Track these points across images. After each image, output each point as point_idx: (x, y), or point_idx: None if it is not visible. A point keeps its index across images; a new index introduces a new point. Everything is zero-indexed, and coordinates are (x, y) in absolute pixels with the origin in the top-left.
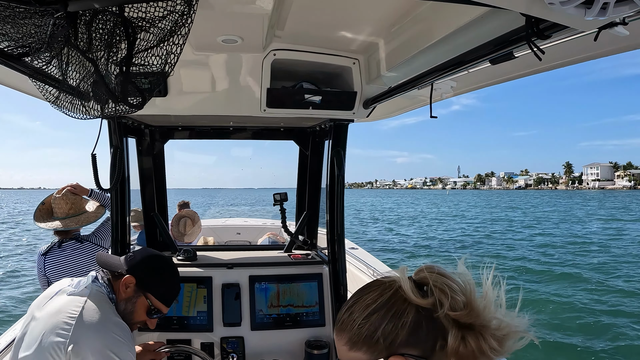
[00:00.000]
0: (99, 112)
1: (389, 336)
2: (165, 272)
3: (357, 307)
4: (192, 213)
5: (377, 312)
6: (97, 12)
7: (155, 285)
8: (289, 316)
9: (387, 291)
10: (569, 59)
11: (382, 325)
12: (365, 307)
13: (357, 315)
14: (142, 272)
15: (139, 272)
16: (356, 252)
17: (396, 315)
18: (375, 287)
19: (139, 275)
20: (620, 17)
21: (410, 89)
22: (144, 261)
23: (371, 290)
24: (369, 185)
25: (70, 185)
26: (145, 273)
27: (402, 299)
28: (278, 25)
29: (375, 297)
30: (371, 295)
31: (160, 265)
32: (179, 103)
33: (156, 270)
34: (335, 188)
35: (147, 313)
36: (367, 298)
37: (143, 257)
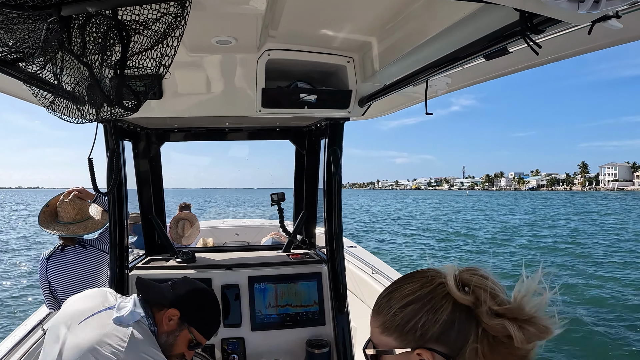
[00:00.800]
0: (94, 116)
1: (420, 329)
2: (210, 307)
3: (396, 294)
4: (190, 215)
5: (414, 303)
6: (90, 16)
7: (200, 320)
8: (288, 316)
9: (428, 285)
10: (563, 53)
11: (416, 317)
12: (404, 296)
13: (394, 302)
14: (188, 305)
15: (184, 306)
16: (355, 250)
17: (432, 310)
18: (418, 279)
19: (184, 308)
20: (613, 10)
21: (405, 86)
22: (189, 294)
23: (414, 280)
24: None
25: (77, 189)
26: (190, 307)
27: (441, 295)
28: (272, 25)
29: (415, 289)
30: (412, 286)
31: (206, 300)
32: (175, 105)
33: (202, 305)
34: (332, 187)
35: (188, 346)
36: (407, 287)
37: (188, 290)
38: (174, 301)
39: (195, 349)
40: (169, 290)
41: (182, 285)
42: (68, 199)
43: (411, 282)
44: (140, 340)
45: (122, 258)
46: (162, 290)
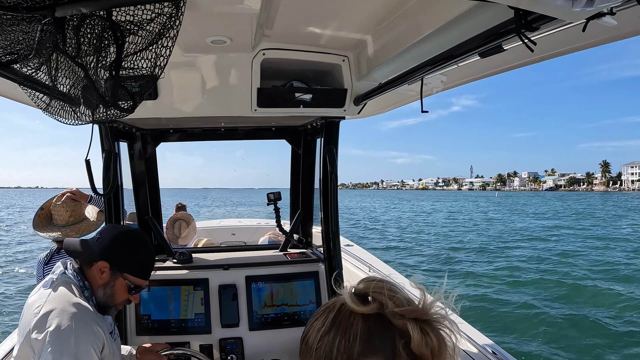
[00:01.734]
0: (90, 118)
1: (345, 353)
2: (137, 247)
3: (310, 334)
4: (186, 215)
5: (328, 333)
6: (84, 17)
7: (131, 264)
8: (286, 315)
9: (332, 311)
10: (558, 50)
11: (335, 345)
12: (317, 331)
13: (312, 343)
14: (115, 254)
15: (112, 255)
16: (351, 249)
17: (344, 331)
18: (322, 311)
19: (112, 258)
20: (607, 7)
21: (400, 84)
22: (113, 242)
23: (319, 314)
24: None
25: (70, 191)
26: (118, 254)
27: (347, 314)
28: (267, 25)
29: (323, 320)
30: (320, 320)
31: (131, 242)
32: (170, 105)
33: (129, 250)
34: (328, 185)
35: (128, 291)
36: (316, 325)
37: (112, 239)
38: (101, 253)
39: (137, 292)
40: (95, 244)
41: (106, 235)
42: (61, 201)
43: (318, 317)
44: (58, 296)
45: None
46: (89, 246)
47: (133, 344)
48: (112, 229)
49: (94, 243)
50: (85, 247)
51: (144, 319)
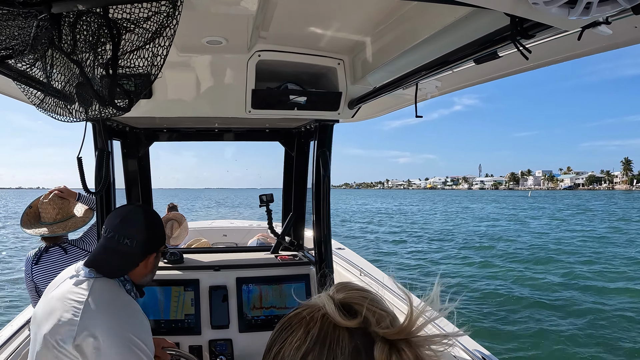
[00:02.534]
0: (83, 115)
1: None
2: (156, 219)
3: (284, 351)
4: (178, 216)
5: (312, 351)
6: (81, 14)
7: (161, 237)
8: (276, 317)
9: (313, 324)
10: (553, 58)
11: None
12: (296, 349)
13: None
14: (154, 241)
15: (153, 244)
16: (343, 252)
17: (332, 346)
18: (297, 324)
19: (154, 247)
20: (603, 17)
21: (395, 88)
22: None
23: (294, 328)
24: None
25: (58, 189)
26: (155, 239)
27: (332, 327)
28: (263, 26)
29: (302, 336)
30: (297, 334)
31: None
32: (164, 105)
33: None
34: (321, 188)
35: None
36: (293, 339)
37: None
38: (144, 251)
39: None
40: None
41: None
42: (48, 199)
43: (293, 330)
44: (103, 287)
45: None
46: (127, 256)
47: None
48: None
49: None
50: (124, 259)
51: None
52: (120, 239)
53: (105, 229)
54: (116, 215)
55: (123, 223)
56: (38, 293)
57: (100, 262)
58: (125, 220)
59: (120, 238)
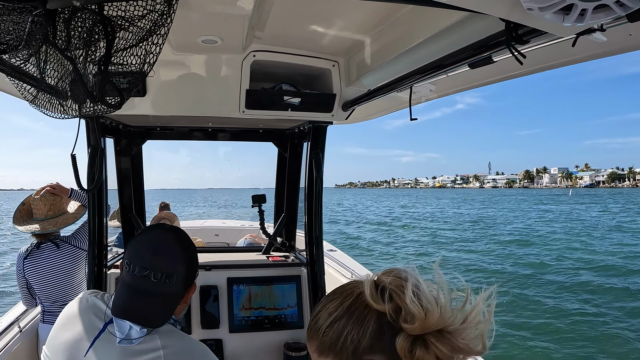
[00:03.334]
0: (76, 112)
1: (351, 344)
2: (193, 248)
3: (322, 314)
4: (170, 215)
5: (339, 320)
6: (76, 10)
7: (197, 267)
8: (267, 318)
9: (349, 298)
10: (547, 64)
11: (344, 333)
12: (329, 314)
13: (321, 323)
14: (193, 272)
15: (192, 275)
16: (334, 254)
17: (357, 322)
18: (339, 294)
19: (192, 277)
20: (598, 24)
21: (389, 91)
22: (187, 264)
23: (335, 296)
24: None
25: (50, 185)
26: (194, 270)
27: (363, 305)
28: (258, 27)
29: (337, 305)
30: (334, 303)
31: (191, 248)
32: (158, 103)
33: (194, 257)
34: (313, 190)
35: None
36: (330, 306)
37: (184, 259)
38: (186, 285)
39: None
40: (172, 287)
41: (178, 264)
42: (39, 196)
43: (333, 299)
44: (174, 340)
45: (100, 256)
46: (170, 297)
47: None
48: (163, 251)
49: (169, 288)
50: (167, 301)
51: None
52: (157, 277)
53: (133, 265)
54: (145, 247)
55: (158, 256)
56: (29, 290)
57: (137, 310)
58: (160, 252)
59: (157, 276)
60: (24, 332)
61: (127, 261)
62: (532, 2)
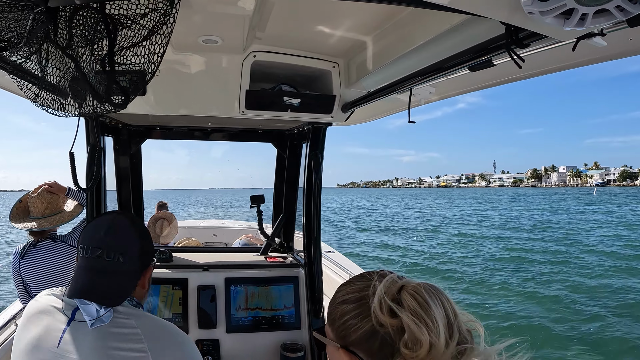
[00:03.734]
0: (76, 110)
1: (345, 330)
2: (148, 233)
3: (343, 288)
4: (168, 214)
5: (348, 303)
6: (77, 8)
7: (153, 251)
8: (264, 319)
9: (365, 290)
10: (547, 68)
11: (345, 317)
12: (346, 293)
13: (339, 296)
14: (149, 252)
15: (149, 256)
16: (332, 255)
17: (360, 315)
18: (364, 280)
19: (150, 258)
20: (598, 28)
21: (389, 93)
22: (141, 242)
23: (359, 280)
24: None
25: (47, 183)
26: (151, 250)
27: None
28: (259, 27)
29: (355, 289)
30: (354, 286)
31: (145, 230)
32: (158, 102)
33: (149, 238)
34: (312, 191)
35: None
36: (352, 286)
37: (137, 239)
38: (143, 263)
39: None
40: (126, 266)
41: (130, 242)
42: (37, 194)
43: (357, 281)
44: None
45: None
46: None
47: None
48: (114, 230)
49: (124, 266)
50: (122, 279)
51: None
52: (111, 256)
53: (86, 247)
54: (97, 228)
55: (110, 236)
56: (26, 288)
57: (93, 289)
58: (112, 232)
59: (110, 255)
60: None
61: (80, 245)
62: (533, 6)
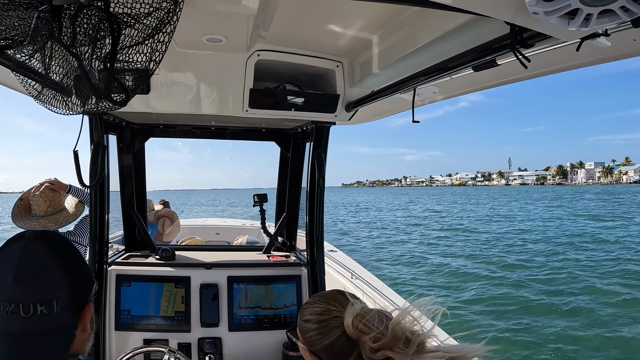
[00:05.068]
0: (80, 108)
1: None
2: (78, 254)
3: (306, 309)
4: (170, 212)
5: (311, 322)
6: (82, 7)
7: (90, 279)
8: (266, 317)
9: (326, 314)
10: (551, 68)
11: (309, 332)
12: (309, 314)
13: (304, 314)
14: (85, 286)
15: (84, 294)
16: (335, 254)
17: (321, 333)
18: (323, 304)
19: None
20: (602, 29)
21: (393, 93)
22: (68, 275)
23: (318, 304)
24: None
25: (49, 181)
26: (85, 284)
27: (332, 326)
28: (263, 26)
29: (316, 311)
30: (315, 308)
31: (72, 254)
32: (161, 101)
33: (80, 265)
34: (315, 190)
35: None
36: (313, 308)
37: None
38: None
39: None
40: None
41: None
42: (39, 192)
43: (318, 304)
44: None
45: (101, 253)
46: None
47: (111, 338)
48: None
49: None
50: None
51: (124, 314)
52: (29, 310)
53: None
54: (2, 272)
55: (20, 282)
56: None
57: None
58: (24, 274)
59: (28, 310)
60: None
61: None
62: (538, 6)
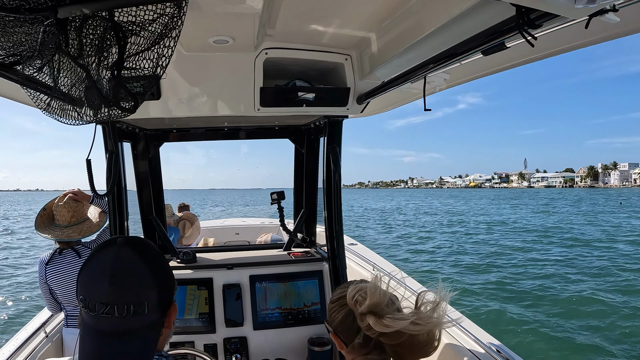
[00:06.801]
0: (91, 118)
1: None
2: (164, 259)
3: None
4: (190, 215)
5: (332, 303)
6: (86, 18)
7: (173, 281)
8: (290, 314)
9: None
10: (561, 48)
11: (330, 312)
12: (333, 296)
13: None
14: (170, 288)
15: (169, 295)
16: (355, 247)
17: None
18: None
19: (170, 297)
20: (610, 4)
21: (403, 82)
22: (157, 279)
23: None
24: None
25: (72, 191)
26: (170, 286)
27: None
28: (269, 24)
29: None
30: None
31: (160, 258)
32: (173, 105)
33: (166, 269)
34: (332, 184)
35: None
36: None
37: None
38: (164, 309)
39: None
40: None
41: (146, 285)
42: (63, 202)
43: (342, 288)
44: None
45: None
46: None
47: None
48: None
49: (142, 320)
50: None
51: None
52: (123, 311)
53: (89, 302)
54: (98, 275)
55: (116, 285)
56: (53, 295)
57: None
58: (120, 277)
59: (122, 310)
60: (49, 337)
61: (81, 297)
62: None
